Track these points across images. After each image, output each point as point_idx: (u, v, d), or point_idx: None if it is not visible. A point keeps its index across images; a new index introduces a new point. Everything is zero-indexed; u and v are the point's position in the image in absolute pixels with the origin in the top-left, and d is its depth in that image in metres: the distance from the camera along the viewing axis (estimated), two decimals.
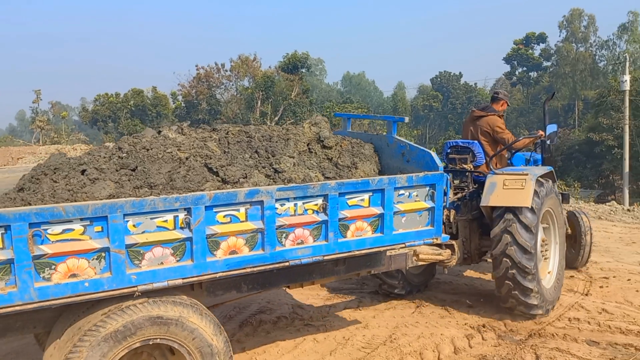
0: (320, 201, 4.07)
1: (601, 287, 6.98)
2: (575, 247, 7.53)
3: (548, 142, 6.93)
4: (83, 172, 3.87)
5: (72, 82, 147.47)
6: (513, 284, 5.75)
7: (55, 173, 3.84)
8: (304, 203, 3.99)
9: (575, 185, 29.83)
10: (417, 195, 4.71)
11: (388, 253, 4.94)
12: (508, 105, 7.05)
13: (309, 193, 3.99)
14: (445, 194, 4.96)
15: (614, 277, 7.40)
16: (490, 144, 6.60)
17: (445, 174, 4.93)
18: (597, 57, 60.12)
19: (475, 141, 6.52)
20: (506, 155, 6.90)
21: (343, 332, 5.57)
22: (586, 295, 6.70)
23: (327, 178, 4.72)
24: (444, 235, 5.01)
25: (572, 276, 7.41)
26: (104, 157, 4.08)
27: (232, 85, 55.68)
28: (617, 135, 32.68)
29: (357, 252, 4.39)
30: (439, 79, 70.66)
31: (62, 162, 3.96)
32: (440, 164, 5.00)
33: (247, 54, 54.66)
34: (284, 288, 6.36)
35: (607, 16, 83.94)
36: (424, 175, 4.74)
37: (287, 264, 3.95)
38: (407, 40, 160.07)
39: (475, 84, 70.31)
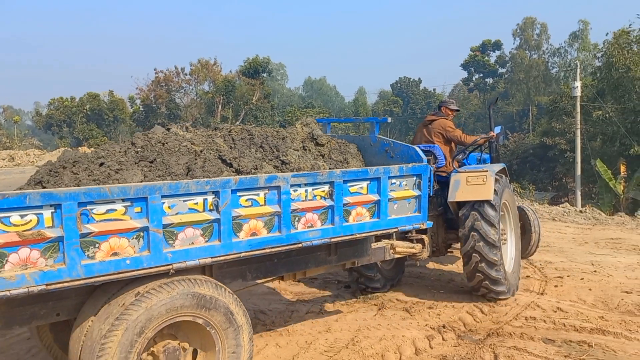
0: (327, 188, 4.45)
1: (556, 286, 7.23)
2: (525, 238, 8.05)
3: (496, 142, 7.53)
4: (101, 165, 4.07)
5: (25, 85, 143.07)
6: (483, 275, 6.38)
7: (74, 166, 4.00)
8: (313, 189, 4.36)
9: (530, 188, 30.97)
10: (406, 184, 5.21)
11: (373, 245, 5.39)
12: (452, 110, 7.51)
13: (318, 180, 4.36)
14: (430, 183, 5.45)
15: (567, 276, 7.71)
16: (444, 144, 7.13)
17: (429, 165, 5.46)
18: (549, 64, 62.41)
19: (436, 145, 7.05)
20: (460, 157, 7.48)
21: (305, 337, 5.56)
22: (542, 294, 6.90)
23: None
24: (428, 221, 5.50)
25: (528, 276, 7.72)
26: (120, 152, 4.30)
27: (192, 89, 55.19)
28: (569, 139, 34.09)
29: (358, 235, 4.78)
30: (399, 85, 71.94)
31: (81, 156, 4.14)
32: (424, 157, 5.52)
33: (207, 58, 54.37)
34: (246, 294, 6.57)
35: (559, 25, 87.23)
36: (412, 166, 5.27)
37: (300, 245, 4.28)
38: (367, 46, 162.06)
39: (434, 89, 71.95)
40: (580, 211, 16.51)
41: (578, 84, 29.78)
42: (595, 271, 8.01)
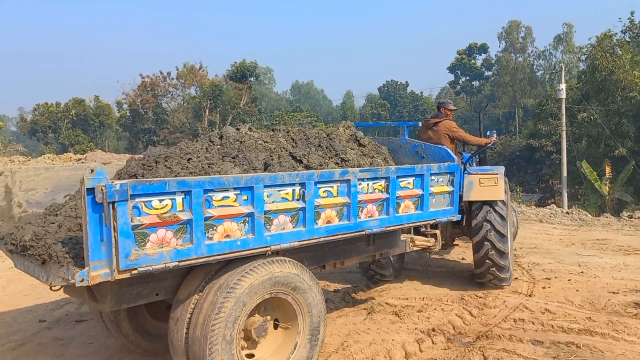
0: (383, 182, 5.02)
1: (544, 288, 7.37)
2: None
3: (491, 144, 8.13)
4: (188, 160, 4.49)
5: (9, 91, 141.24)
6: (492, 262, 7.08)
7: (166, 160, 4.46)
8: (373, 183, 4.93)
9: (518, 190, 31.62)
10: (442, 181, 5.81)
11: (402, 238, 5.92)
12: (451, 110, 8.10)
13: (378, 175, 4.94)
14: (460, 180, 5.95)
15: (555, 277, 7.86)
16: (450, 143, 7.75)
17: (459, 164, 6.05)
18: (535, 66, 63.44)
19: (446, 146, 7.53)
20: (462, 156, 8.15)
21: None
22: (530, 296, 7.04)
23: None
24: (458, 215, 6.05)
25: (516, 278, 7.89)
26: (202, 149, 4.76)
27: (179, 94, 55.16)
28: (555, 141, 34.98)
29: (406, 225, 5.36)
30: (386, 88, 72.74)
31: (171, 152, 4.59)
32: (455, 157, 6.11)
33: (193, 62, 54.41)
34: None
35: (544, 28, 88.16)
36: (448, 165, 5.88)
37: (363, 232, 4.83)
38: (355, 50, 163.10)
39: (422, 92, 72.94)
40: (567, 212, 16.74)
41: (563, 86, 30.35)
42: (582, 272, 8.21)
